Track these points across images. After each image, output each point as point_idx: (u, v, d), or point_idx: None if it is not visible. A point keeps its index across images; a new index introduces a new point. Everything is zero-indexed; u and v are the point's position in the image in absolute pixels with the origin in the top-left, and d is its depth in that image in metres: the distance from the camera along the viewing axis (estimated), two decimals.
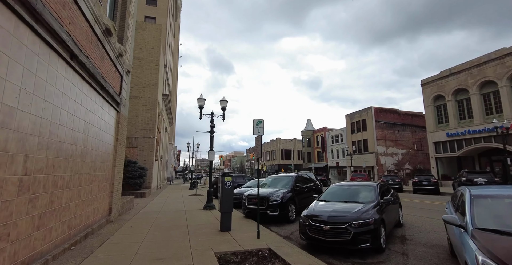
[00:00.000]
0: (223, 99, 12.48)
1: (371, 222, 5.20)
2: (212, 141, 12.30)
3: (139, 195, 17.52)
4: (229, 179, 7.21)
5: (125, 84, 9.75)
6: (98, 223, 7.17)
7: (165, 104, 29.40)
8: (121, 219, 8.90)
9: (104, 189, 7.74)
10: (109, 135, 8.09)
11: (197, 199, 16.34)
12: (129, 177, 17.82)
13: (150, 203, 13.97)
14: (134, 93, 21.44)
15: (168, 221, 8.56)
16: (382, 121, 36.99)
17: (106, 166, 7.89)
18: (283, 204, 8.74)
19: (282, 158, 69.04)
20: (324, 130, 48.69)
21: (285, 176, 10.74)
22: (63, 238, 5.04)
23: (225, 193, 7.10)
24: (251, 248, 5.37)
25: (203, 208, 11.51)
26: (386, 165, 35.83)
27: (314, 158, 51.48)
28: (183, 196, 18.78)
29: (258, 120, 6.68)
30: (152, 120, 21.50)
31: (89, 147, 6.33)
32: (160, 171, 29.73)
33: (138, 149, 20.79)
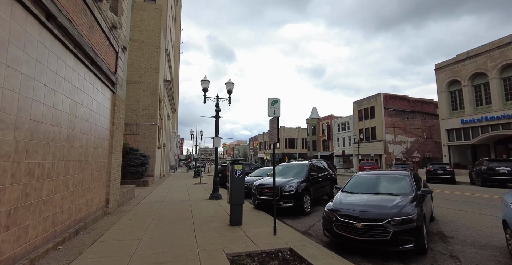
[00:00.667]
0: (229, 81, 11.46)
1: (413, 219, 4.32)
2: (217, 126, 11.38)
3: (141, 184, 16.87)
4: (239, 167, 6.34)
5: (122, 62, 8.75)
6: (93, 215, 6.40)
7: (167, 91, 28.38)
8: (120, 210, 8.15)
9: (99, 178, 6.93)
10: (103, 117, 7.19)
11: (201, 188, 15.64)
12: (130, 165, 17.11)
13: (153, 192, 13.27)
14: (134, 78, 20.45)
15: (172, 212, 7.78)
16: (391, 108, 35.72)
17: (101, 152, 7.03)
18: (298, 194, 7.90)
19: (286, 146, 68.30)
20: (330, 118, 47.51)
21: (298, 164, 9.86)
22: (46, 237, 4.24)
23: (235, 183, 6.24)
24: (269, 248, 4.54)
25: (209, 198, 10.75)
26: (394, 153, 34.88)
27: (319, 146, 50.61)
28: (187, 185, 18.12)
29: (273, 100, 5.72)
30: (154, 107, 20.58)
31: (78, 130, 5.44)
32: (163, 159, 29.10)
33: (140, 136, 20.00)
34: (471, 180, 17.34)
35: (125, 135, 19.73)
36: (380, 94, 35.77)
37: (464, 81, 24.26)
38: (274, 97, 5.72)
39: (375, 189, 5.74)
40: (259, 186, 8.55)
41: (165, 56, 26.83)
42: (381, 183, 5.95)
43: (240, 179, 6.30)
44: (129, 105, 20.03)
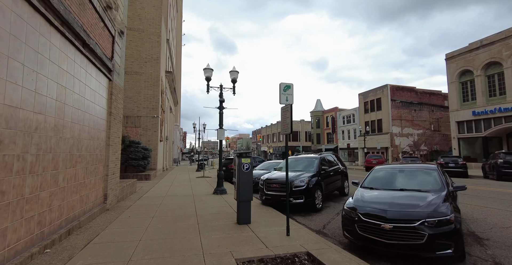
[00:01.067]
0: (233, 70, 10.80)
1: (451, 220, 3.74)
2: (221, 118, 10.78)
3: (143, 178, 16.44)
4: (247, 161, 5.77)
5: (119, 48, 8.11)
6: (89, 213, 5.90)
7: (168, 83, 27.73)
8: (119, 206, 7.67)
9: (96, 172, 6.40)
10: (99, 107, 6.62)
11: (205, 182, 15.18)
12: (132, 158, 16.66)
13: (155, 186, 12.81)
14: (134, 68, 19.81)
15: (174, 209, 7.28)
16: (398, 100, 34.80)
17: (97, 144, 6.49)
18: (309, 190, 7.34)
19: (289, 139, 67.70)
20: (335, 110, 46.65)
21: (308, 158, 9.28)
22: (30, 240, 3.73)
23: (243, 177, 5.68)
24: (284, 253, 4.00)
25: (213, 192, 10.25)
26: (401, 146, 34.16)
27: (323, 139, 49.94)
28: (190, 178, 17.68)
29: (286, 85, 5.09)
30: (155, 98, 19.99)
31: (68, 119, 4.88)
32: (166, 152, 28.69)
33: (142, 129, 19.50)
34: (484, 174, 16.69)
35: (127, 128, 19.24)
36: (387, 86, 34.81)
37: (477, 71, 23.31)
38: (286, 83, 5.09)
39: (399, 184, 5.15)
40: (267, 180, 8.00)
41: (166, 46, 26.07)
42: (405, 177, 5.36)
43: (248, 173, 5.74)
44: (130, 97, 19.47)
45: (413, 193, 4.62)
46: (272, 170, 10.84)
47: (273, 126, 75.01)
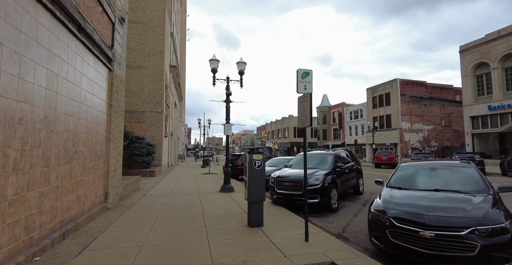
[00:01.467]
0: (240, 61, 10.21)
1: (508, 229, 3.15)
2: (228, 111, 10.23)
3: (148, 174, 16.06)
4: (259, 157, 5.22)
5: (120, 36, 7.58)
6: (88, 213, 5.44)
7: (173, 77, 27.24)
8: (121, 205, 7.22)
9: (95, 169, 5.93)
10: (98, 98, 6.12)
11: (211, 178, 14.72)
12: (136, 154, 16.27)
13: (160, 183, 12.38)
14: (138, 62, 19.32)
15: (179, 208, 6.80)
16: (408, 95, 33.81)
17: (96, 139, 6.01)
18: (324, 188, 6.78)
19: (295, 135, 67.08)
20: (342, 106, 45.76)
21: (321, 154, 8.69)
22: (15, 248, 3.25)
23: (254, 175, 5.14)
24: (305, 263, 3.46)
25: (220, 190, 9.76)
26: (410, 142, 33.29)
27: (330, 135, 49.17)
28: (195, 175, 17.25)
29: (304, 71, 4.50)
30: (160, 93, 19.52)
31: (61, 110, 4.37)
32: (171, 148, 28.35)
33: (146, 124, 19.08)
34: (503, 171, 15.92)
35: (131, 123, 18.85)
36: (397, 80, 33.82)
37: (494, 64, 22.29)
38: (304, 69, 4.50)
39: (433, 184, 4.55)
40: (279, 178, 7.45)
41: (170, 40, 25.52)
42: (438, 176, 4.76)
43: (261, 171, 5.19)
44: (133, 92, 19.03)
45: (453, 194, 4.03)
46: (282, 167, 10.31)
47: (278, 122, 74.36)
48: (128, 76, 19.04)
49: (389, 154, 24.43)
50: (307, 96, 4.41)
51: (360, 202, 8.18)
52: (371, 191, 10.36)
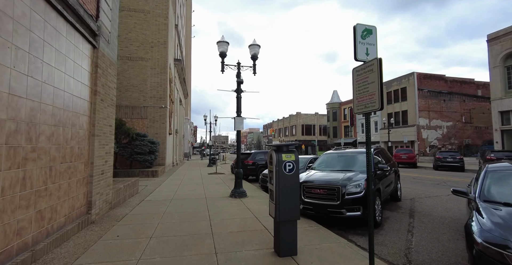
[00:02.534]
0: (253, 43, 8.72)
1: None
2: (239, 103, 8.75)
3: (150, 174, 14.73)
4: (291, 158, 3.73)
5: (108, 7, 6.14)
6: (57, 233, 4.03)
7: (178, 72, 25.89)
8: (110, 216, 5.82)
9: (70, 173, 4.52)
10: (75, 80, 4.70)
11: (218, 179, 13.30)
12: (137, 152, 14.95)
13: (162, 185, 11.01)
14: (140, 54, 17.98)
15: (182, 222, 5.36)
16: (426, 89, 31.82)
17: (73, 133, 4.59)
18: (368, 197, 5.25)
19: (303, 133, 65.37)
20: None
21: (356, 153, 7.15)
22: None
23: (285, 184, 3.65)
24: None
25: (231, 195, 8.30)
26: (428, 140, 31.36)
27: (340, 132, 47.35)
28: (201, 175, 15.87)
29: (365, 28, 2.98)
30: (163, 87, 18.16)
31: (3, 89, 2.95)
32: (176, 146, 27.09)
33: (148, 120, 17.77)
34: None
35: (132, 119, 17.56)
36: (414, 74, 31.85)
37: None
38: (365, 24, 2.98)
39: None
40: (307, 183, 5.93)
41: (175, 32, 24.13)
42: None
43: (293, 177, 3.70)
44: (135, 86, 17.72)
45: None
46: (303, 168, 8.82)
47: (285, 120, 72.72)
48: (129, 69, 17.76)
49: (409, 152, 22.66)
50: (372, 65, 2.88)
51: (404, 212, 6.63)
52: (409, 196, 8.78)
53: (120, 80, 17.51)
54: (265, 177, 9.94)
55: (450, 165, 18.35)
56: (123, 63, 17.67)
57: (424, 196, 8.71)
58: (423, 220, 5.86)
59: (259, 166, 13.74)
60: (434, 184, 11.71)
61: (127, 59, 17.79)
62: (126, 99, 17.55)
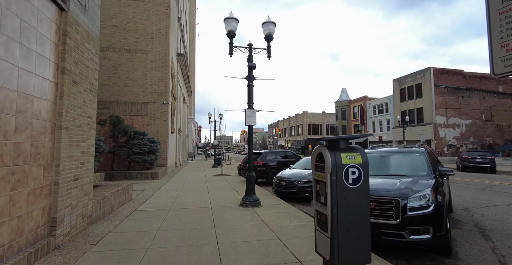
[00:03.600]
0: (267, 20, 7.26)
1: None
2: (251, 92, 7.28)
3: (149, 176, 13.36)
4: (356, 160, 2.25)
5: None
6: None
7: (181, 68, 24.56)
8: (86, 235, 4.40)
9: (18, 182, 3.10)
10: (29, 50, 3.29)
11: (225, 182, 11.86)
12: (136, 152, 13.61)
13: (161, 190, 9.62)
14: (139, 46, 16.64)
15: (179, 246, 3.91)
16: (443, 85, 29.99)
17: (21, 124, 3.18)
18: (439, 214, 3.74)
19: (310, 132, 63.75)
20: (364, 99, 42.08)
21: (403, 152, 5.63)
22: None
23: (347, 204, 2.17)
24: None
25: (241, 203, 6.84)
26: (446, 139, 29.54)
27: (349, 132, 45.59)
28: (206, 177, 14.46)
29: None
30: (164, 82, 16.81)
31: None
32: (179, 145, 25.77)
33: (149, 118, 16.42)
34: None
35: (131, 116, 16.24)
36: (430, 69, 30.05)
37: None
38: None
39: None
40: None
41: (177, 25, 22.80)
42: None
43: (359, 192, 2.22)
44: (134, 80, 16.39)
45: None
46: None
47: (291, 119, 71.13)
48: (128, 62, 16.45)
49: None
50: None
51: (470, 229, 5.07)
52: (460, 205, 7.22)
53: (118, 75, 16.22)
54: (281, 181, 8.48)
55: (479, 166, 16.63)
56: (121, 56, 16.37)
57: (479, 205, 7.14)
58: (507, 243, 4.32)
59: (270, 167, 12.27)
60: (478, 189, 10.08)
61: (125, 51, 16.47)
62: (124, 95, 16.24)
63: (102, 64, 16.06)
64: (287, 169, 9.59)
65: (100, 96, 15.86)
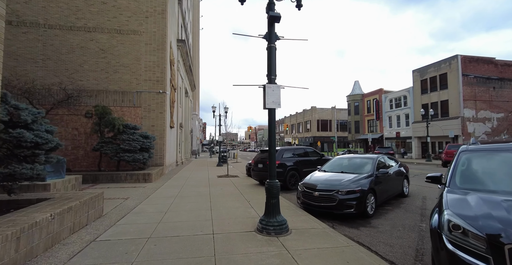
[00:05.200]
0: None
1: None
2: (272, 57, 4.83)
3: (141, 178, 11.10)
4: None
5: None
6: None
7: (182, 57, 22.19)
8: None
9: None
10: None
11: (232, 187, 9.49)
12: (125, 150, 11.33)
13: (150, 198, 7.30)
14: (131, 26, 14.30)
15: None
16: (472, 75, 27.04)
17: None
18: None
19: (318, 129, 61.15)
20: (379, 93, 39.17)
21: None
22: None
23: None
24: None
25: (259, 228, 4.42)
26: (475, 134, 26.66)
27: (363, 127, 42.79)
28: (209, 178, 12.14)
29: None
30: (161, 67, 14.47)
31: None
32: (181, 142, 23.51)
33: (143, 109, 14.13)
34: None
35: (122, 108, 13.95)
36: (457, 57, 27.10)
37: None
38: None
39: None
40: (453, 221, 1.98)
41: (177, 8, 20.40)
42: None
43: None
44: (125, 65, 14.09)
45: None
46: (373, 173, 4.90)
47: (299, 115, 68.51)
48: (118, 44, 14.13)
49: None
50: None
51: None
52: None
53: (107, 59, 13.94)
54: (311, 190, 6.05)
55: None
56: (110, 37, 14.05)
57: None
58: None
59: (288, 168, 9.85)
60: None
61: (115, 32, 14.15)
62: (114, 83, 13.95)
63: (88, 47, 13.80)
64: (315, 173, 7.15)
65: (86, 84, 13.62)
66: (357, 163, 7.11)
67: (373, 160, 6.89)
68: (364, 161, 7.08)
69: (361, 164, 6.95)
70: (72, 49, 13.68)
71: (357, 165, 6.98)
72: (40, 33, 13.45)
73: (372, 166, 6.62)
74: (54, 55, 13.51)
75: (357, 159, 7.37)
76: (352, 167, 7.00)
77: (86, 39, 13.85)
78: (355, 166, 7.00)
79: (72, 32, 13.73)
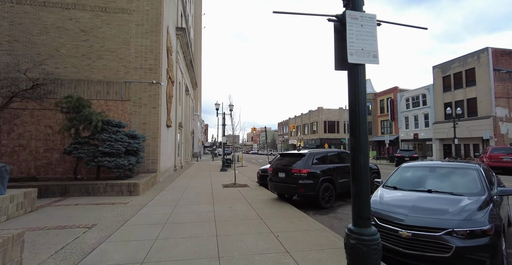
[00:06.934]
0: None
1: None
2: None
3: (125, 190, 8.52)
4: None
5: None
6: None
7: (181, 47, 19.70)
8: None
9: None
10: None
11: (244, 203, 6.84)
12: (105, 153, 8.76)
13: (124, 227, 4.67)
14: (120, 3, 11.83)
15: None
16: (505, 70, 24.35)
17: None
18: None
19: (325, 131, 58.44)
20: (394, 91, 36.47)
21: None
22: None
23: None
24: None
25: None
26: (509, 136, 23.93)
27: (376, 129, 40.08)
28: (212, 189, 9.53)
29: None
30: (155, 53, 11.96)
31: None
32: (180, 144, 20.95)
33: (132, 103, 11.60)
34: None
35: (107, 101, 11.40)
36: (488, 50, 24.45)
37: None
38: None
39: None
40: None
41: None
42: None
43: None
44: (111, 50, 11.58)
45: None
46: None
47: (304, 117, 65.87)
48: (103, 25, 11.65)
49: None
50: None
51: None
52: None
53: (89, 43, 11.46)
54: (387, 224, 3.42)
55: None
56: (94, 16, 11.58)
57: None
58: None
59: (321, 179, 7.20)
60: None
61: (99, 10, 11.68)
62: (98, 71, 11.45)
63: (66, 28, 11.33)
64: (383, 191, 4.50)
65: (62, 72, 11.13)
66: (449, 175, 4.48)
67: (477, 171, 4.28)
68: (460, 171, 4.46)
69: (458, 177, 4.33)
70: (46, 29, 11.20)
71: (452, 180, 4.35)
72: (5, 10, 10.99)
73: (480, 180, 4.01)
74: (23, 36, 11.03)
75: (445, 169, 4.73)
76: (444, 182, 4.36)
77: (64, 18, 11.38)
78: (448, 180, 4.37)
79: (46, 9, 11.26)
